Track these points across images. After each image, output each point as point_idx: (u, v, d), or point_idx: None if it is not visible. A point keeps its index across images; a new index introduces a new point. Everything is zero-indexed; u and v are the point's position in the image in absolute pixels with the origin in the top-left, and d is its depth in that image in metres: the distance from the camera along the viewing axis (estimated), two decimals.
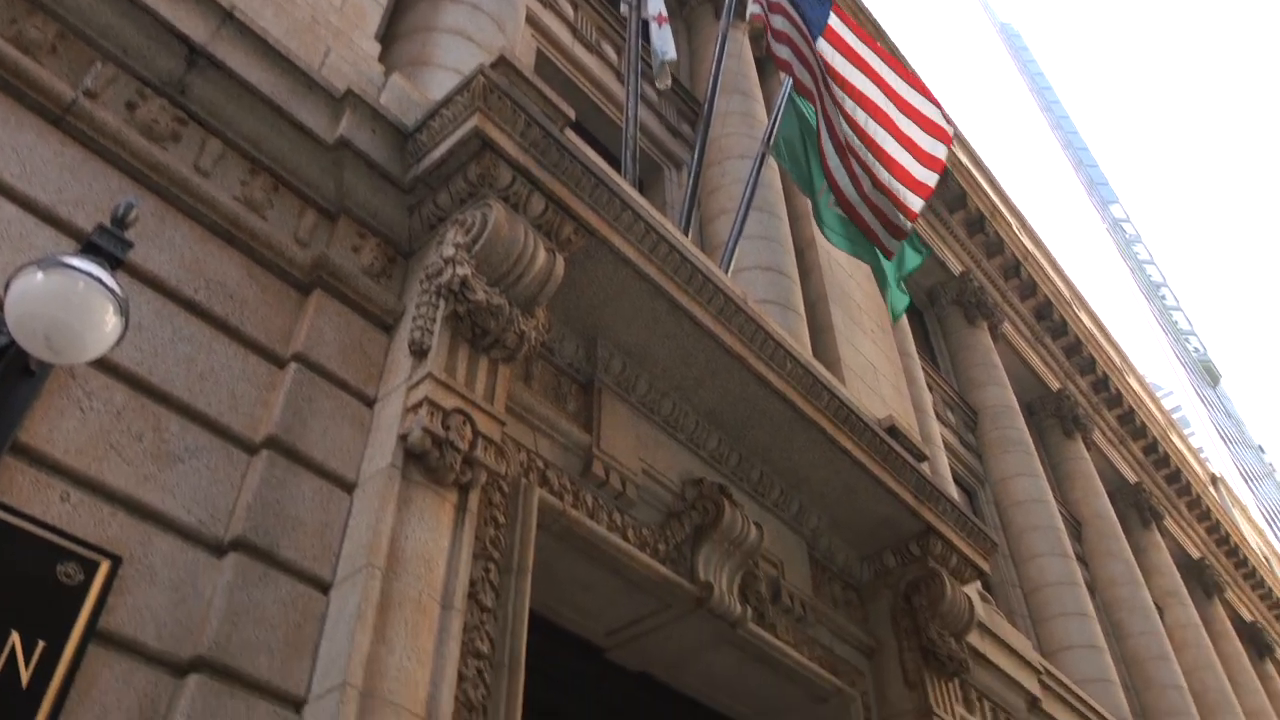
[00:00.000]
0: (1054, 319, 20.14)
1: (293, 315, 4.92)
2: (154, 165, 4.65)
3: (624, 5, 10.86)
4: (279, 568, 4.15)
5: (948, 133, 8.95)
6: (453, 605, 4.43)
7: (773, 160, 9.96)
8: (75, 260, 3.43)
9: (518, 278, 5.13)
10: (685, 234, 8.33)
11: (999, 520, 14.97)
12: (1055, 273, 24.29)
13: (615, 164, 8.61)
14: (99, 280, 3.41)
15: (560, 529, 5.55)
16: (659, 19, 9.55)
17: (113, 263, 3.62)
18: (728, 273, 8.48)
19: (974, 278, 17.66)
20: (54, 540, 3.53)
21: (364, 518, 4.41)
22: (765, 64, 14.03)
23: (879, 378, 10.14)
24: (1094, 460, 19.35)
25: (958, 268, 17.43)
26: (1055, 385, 19.39)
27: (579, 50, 10.97)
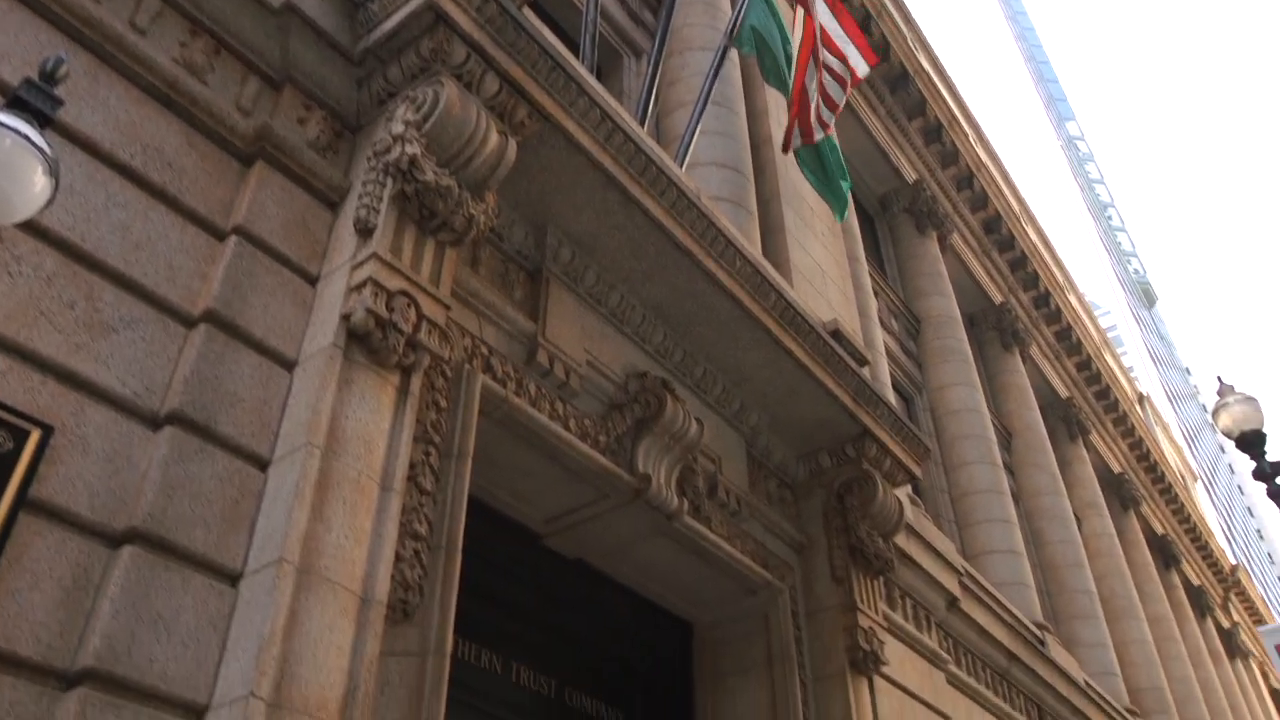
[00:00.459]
0: (1002, 233, 20.32)
1: (233, 187, 4.78)
2: (86, 20, 4.41)
3: None
4: (216, 443, 4.11)
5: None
6: (392, 487, 4.45)
7: (734, 54, 9.77)
8: (0, 115, 3.27)
9: (468, 160, 5.02)
10: (642, 125, 8.19)
11: (933, 427, 15.33)
12: (1007, 187, 24.42)
13: (574, 48, 8.39)
14: (26, 138, 3.25)
15: (502, 416, 5.56)
16: None
17: (41, 120, 3.45)
18: (682, 167, 8.38)
19: (927, 187, 17.68)
20: None
21: (304, 396, 4.37)
22: None
23: (827, 281, 10.20)
24: (1029, 374, 19.79)
25: (911, 176, 17.42)
26: (998, 299, 19.67)
27: None
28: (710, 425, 7.10)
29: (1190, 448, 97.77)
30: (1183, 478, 37.75)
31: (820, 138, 9.47)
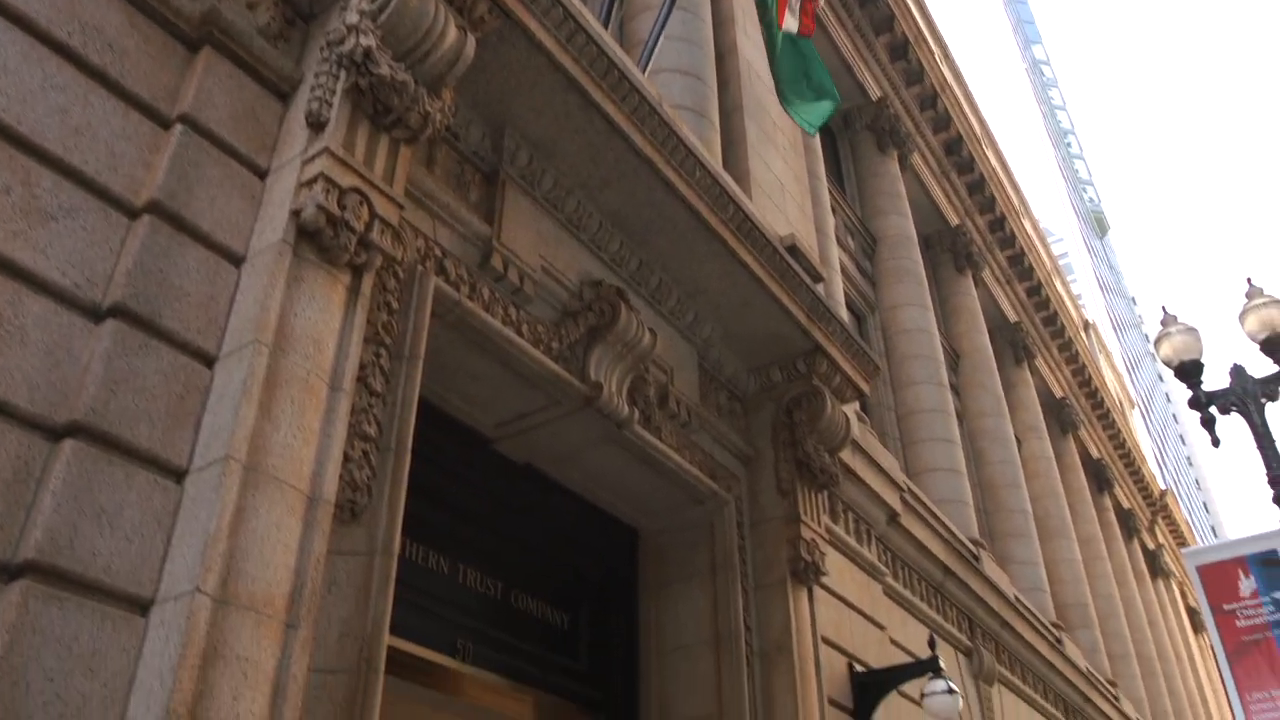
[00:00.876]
0: (962, 155, 20.32)
1: (179, 73, 4.59)
2: None
3: None
4: (161, 337, 4.03)
5: None
6: (341, 387, 4.42)
7: None
8: None
9: (425, 54, 4.87)
10: (605, 27, 8.00)
11: (884, 346, 15.52)
12: (970, 108, 24.33)
13: None
14: None
15: (454, 319, 5.52)
16: None
17: None
18: (645, 72, 8.23)
19: (891, 105, 17.57)
20: None
21: (252, 293, 4.29)
22: None
23: (786, 196, 10.15)
24: (980, 297, 20.03)
25: (876, 93, 17.28)
26: (954, 221, 19.77)
27: None
28: (663, 336, 7.11)
29: (1130, 375, 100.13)
30: (1121, 404, 38.74)
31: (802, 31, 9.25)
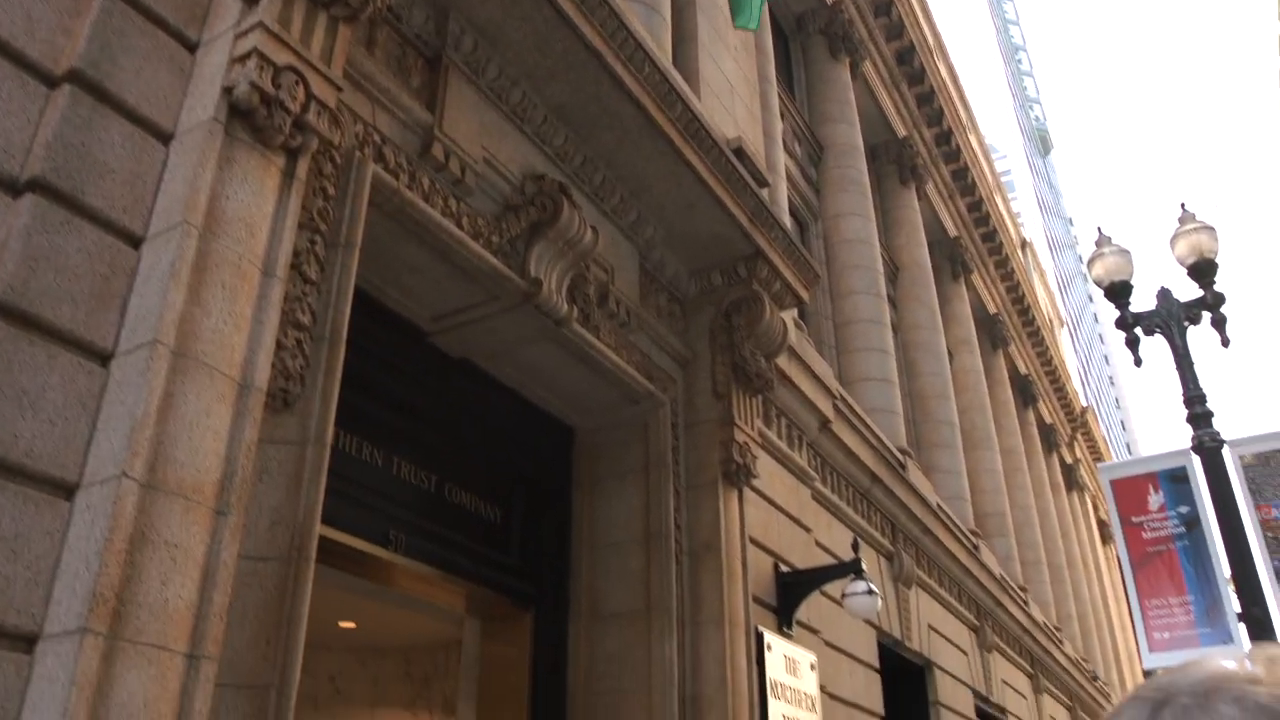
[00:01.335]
0: (914, 65, 20.17)
1: None
2: None
3: None
4: (84, 215, 3.88)
5: None
6: (274, 273, 4.31)
7: None
8: None
9: None
10: None
11: (825, 255, 15.59)
12: (924, 18, 24.07)
13: None
14: None
15: (392, 208, 5.40)
16: None
17: None
18: None
19: (845, 9, 17.31)
20: None
21: (181, 172, 4.13)
22: None
23: (735, 98, 10.01)
24: (922, 210, 20.15)
25: None
26: (901, 132, 19.73)
27: None
28: (605, 234, 7.05)
29: (1062, 295, 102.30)
30: (1051, 323, 39.62)
31: None
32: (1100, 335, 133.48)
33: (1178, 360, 9.52)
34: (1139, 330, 9.90)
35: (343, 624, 10.17)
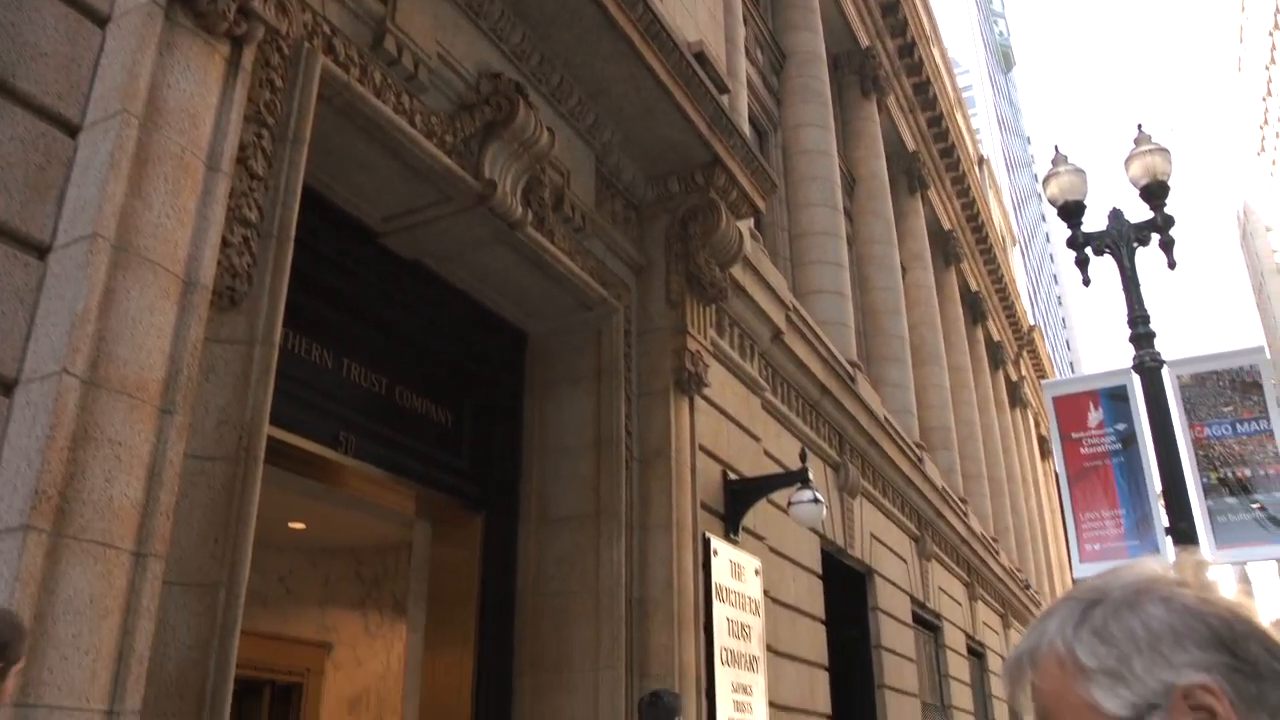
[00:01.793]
0: None
1: None
2: None
3: None
4: (17, 101, 3.71)
5: None
6: (219, 167, 4.19)
7: None
8: None
9: None
10: None
11: (783, 165, 15.48)
12: None
13: None
14: None
15: (343, 103, 5.23)
16: None
17: None
18: None
19: None
20: None
21: (119, 58, 3.96)
22: None
23: (698, 1, 9.78)
24: (882, 123, 20.01)
25: None
26: (865, 42, 19.47)
27: None
28: (562, 137, 6.92)
29: (1016, 213, 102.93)
30: (1004, 241, 39.96)
31: None
32: (1051, 255, 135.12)
33: (1125, 281, 9.67)
34: (1089, 250, 10.02)
35: (293, 525, 10.19)
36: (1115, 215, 9.96)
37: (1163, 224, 9.63)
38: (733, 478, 8.85)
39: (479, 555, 7.44)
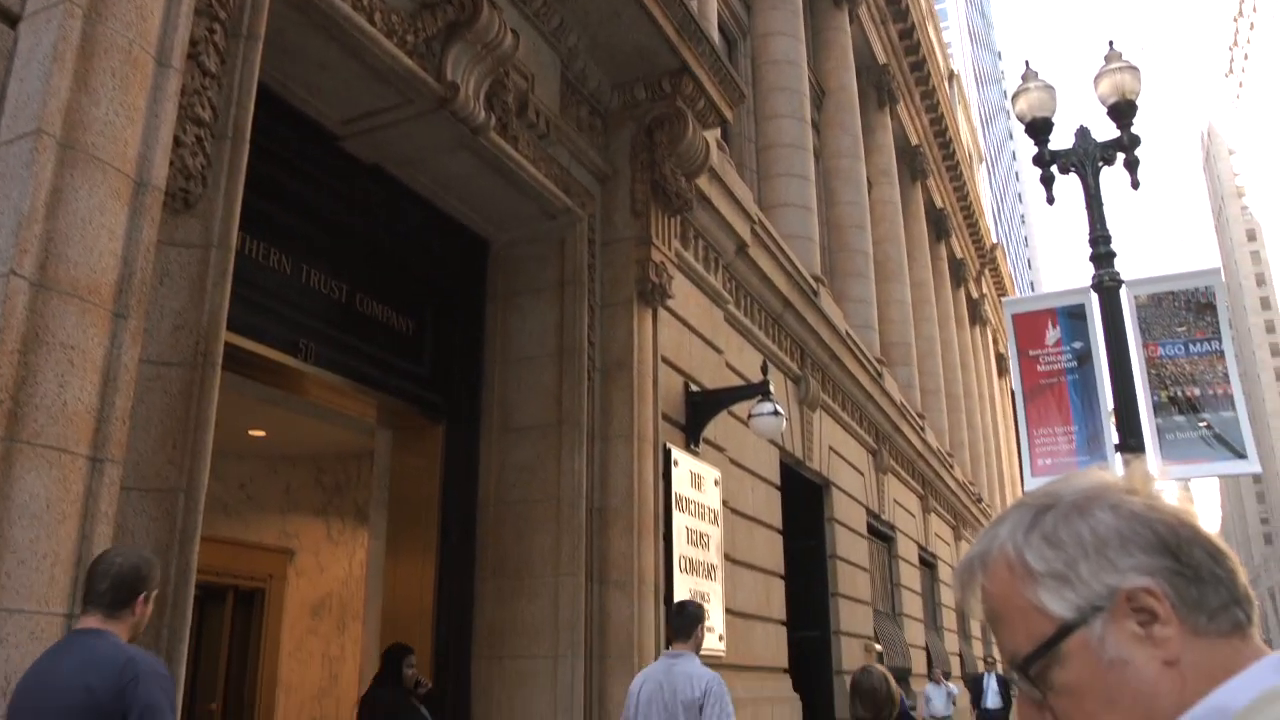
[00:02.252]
0: None
1: None
2: None
3: None
4: None
5: None
6: (169, 63, 4.03)
7: None
8: None
9: None
10: None
11: (751, 75, 15.24)
12: None
13: None
14: None
15: None
16: None
17: None
18: None
19: None
20: None
21: None
22: None
23: None
24: (853, 34, 19.70)
25: None
26: None
27: None
28: (526, 40, 6.74)
29: (984, 130, 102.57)
30: (971, 158, 39.89)
31: None
32: (1016, 173, 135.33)
33: (1088, 200, 9.69)
34: (1055, 168, 10.01)
35: (253, 432, 10.14)
36: (1082, 133, 9.93)
37: (1129, 143, 9.62)
38: (694, 389, 8.90)
39: (440, 463, 7.47)
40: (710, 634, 8.50)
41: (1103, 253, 9.44)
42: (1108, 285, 9.32)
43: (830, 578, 13.93)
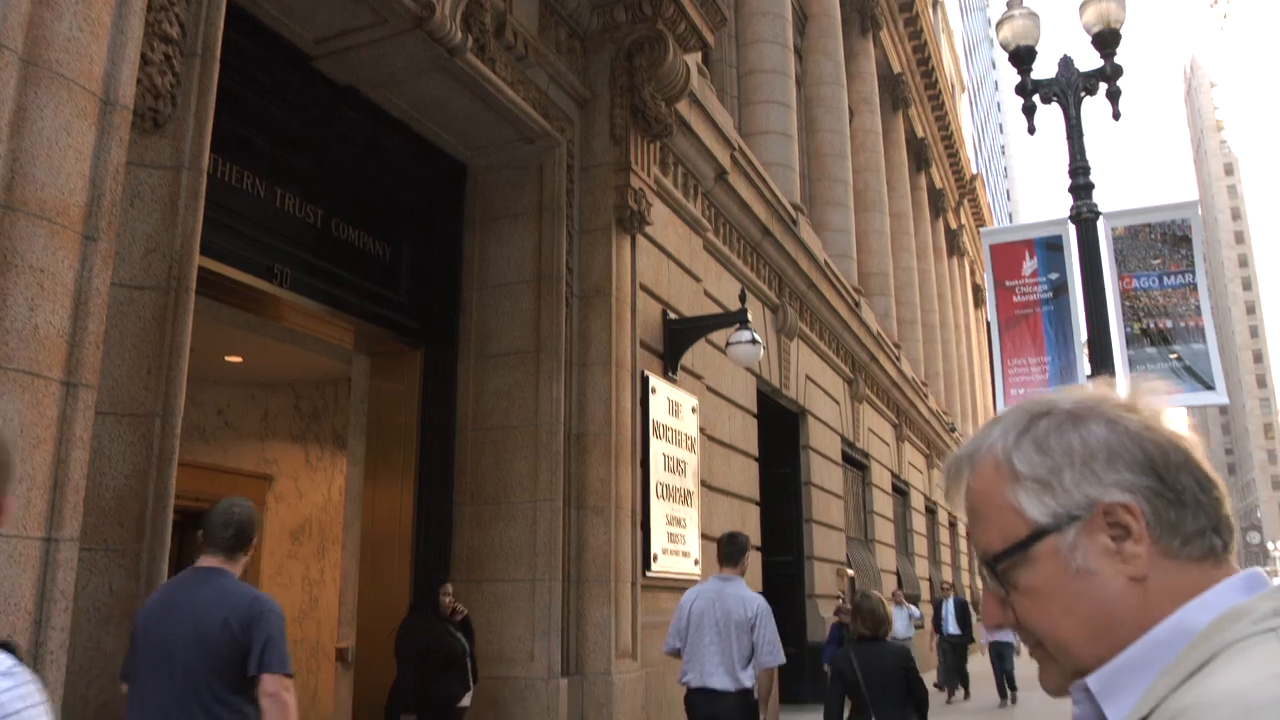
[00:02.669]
0: None
1: None
2: None
3: None
4: None
5: None
6: None
7: None
8: None
9: None
10: None
11: None
12: None
13: None
14: None
15: None
16: None
17: None
18: None
19: None
20: None
21: None
22: None
23: None
24: None
25: None
26: None
27: None
28: None
29: (967, 59, 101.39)
30: (953, 87, 39.53)
31: None
32: (998, 104, 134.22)
33: (1069, 130, 9.64)
34: (1037, 98, 9.94)
35: (230, 358, 10.08)
36: (1065, 63, 9.84)
37: (1111, 73, 9.55)
38: (672, 317, 8.90)
39: (418, 389, 7.47)
40: (685, 558, 8.63)
41: (1082, 184, 9.43)
42: (1085, 217, 9.32)
43: (805, 504, 14.14)
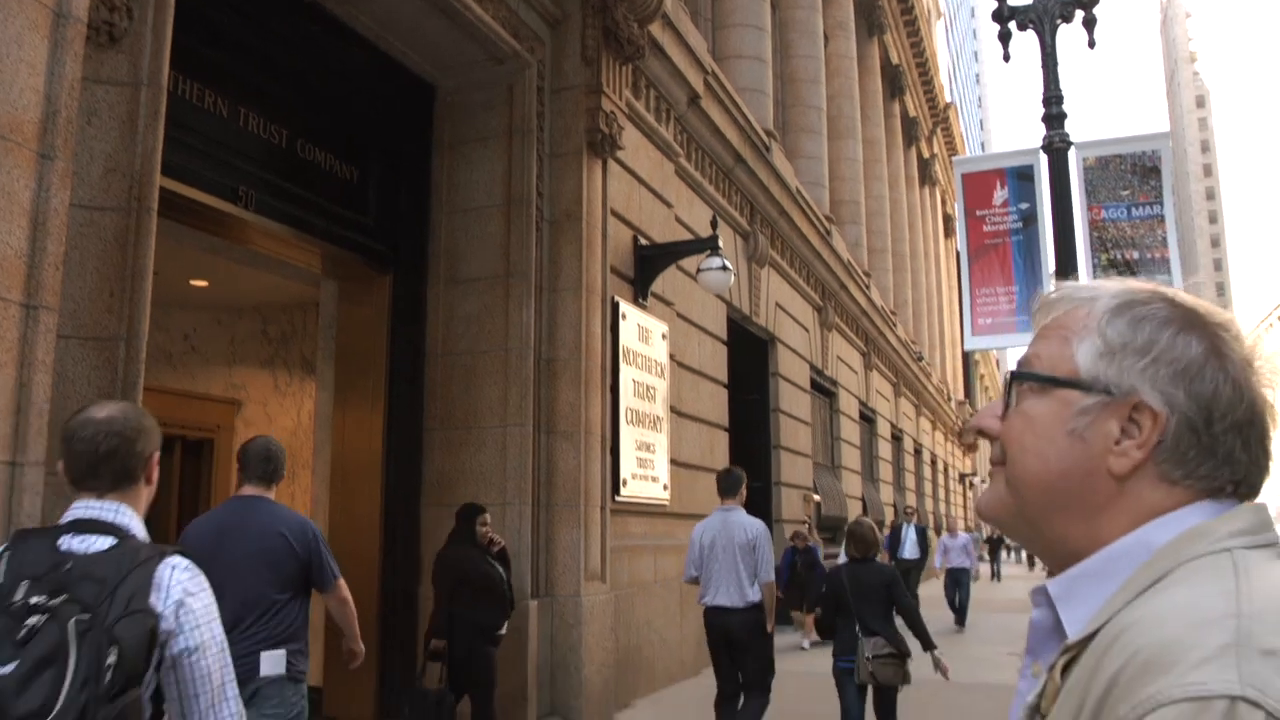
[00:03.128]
0: None
1: None
2: None
3: None
4: None
5: None
6: None
7: None
8: None
9: None
10: None
11: None
12: None
13: None
14: None
15: None
16: None
17: None
18: None
19: None
20: None
21: None
22: None
23: None
24: None
25: None
26: None
27: None
28: None
29: None
30: (929, 13, 39.03)
31: None
32: (974, 31, 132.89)
33: (1044, 58, 9.57)
34: (1013, 25, 9.85)
35: (195, 282, 9.94)
36: None
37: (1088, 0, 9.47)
38: (643, 243, 8.87)
39: (387, 314, 7.42)
40: (654, 484, 8.72)
41: (1055, 113, 9.40)
42: (1057, 147, 9.31)
43: (773, 431, 14.28)
